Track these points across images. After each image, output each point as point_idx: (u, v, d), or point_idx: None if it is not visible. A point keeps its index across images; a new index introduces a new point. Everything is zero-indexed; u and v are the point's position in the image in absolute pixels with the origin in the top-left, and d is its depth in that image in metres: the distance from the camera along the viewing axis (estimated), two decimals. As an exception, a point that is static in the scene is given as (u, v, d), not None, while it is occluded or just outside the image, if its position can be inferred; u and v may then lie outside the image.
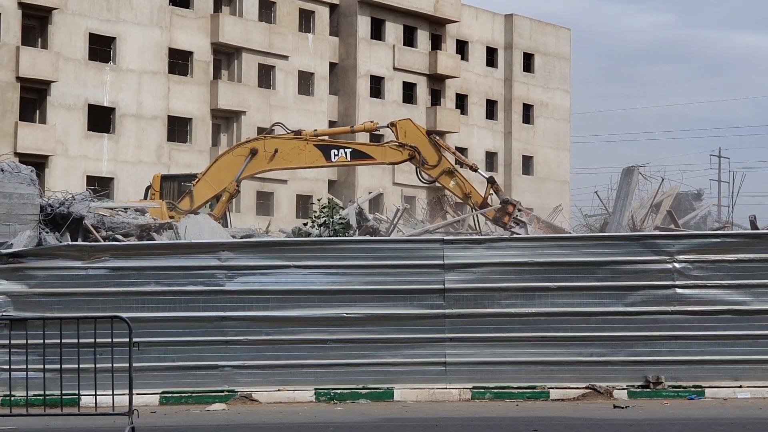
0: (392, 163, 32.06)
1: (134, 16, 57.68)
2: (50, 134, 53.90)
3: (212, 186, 31.38)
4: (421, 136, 30.77)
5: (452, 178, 30.66)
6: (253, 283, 15.43)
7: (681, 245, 15.63)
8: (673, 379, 15.43)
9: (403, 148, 30.54)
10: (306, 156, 31.02)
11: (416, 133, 30.82)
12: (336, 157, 30.99)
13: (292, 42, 64.62)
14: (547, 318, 15.43)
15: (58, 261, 15.26)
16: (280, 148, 30.94)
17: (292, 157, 31.08)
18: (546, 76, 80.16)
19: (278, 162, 31.25)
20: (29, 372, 13.67)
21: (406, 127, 31.05)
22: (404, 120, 31.80)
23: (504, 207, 30.49)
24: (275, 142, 31.15)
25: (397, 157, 31.04)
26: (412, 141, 30.55)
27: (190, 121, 60.22)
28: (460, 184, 30.66)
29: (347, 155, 31.07)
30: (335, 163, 31.41)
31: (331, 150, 30.99)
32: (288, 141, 31.11)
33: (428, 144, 30.61)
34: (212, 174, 31.55)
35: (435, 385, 15.38)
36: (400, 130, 30.91)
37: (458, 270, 15.50)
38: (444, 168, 30.56)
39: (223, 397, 15.04)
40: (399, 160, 31.33)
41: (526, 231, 30.02)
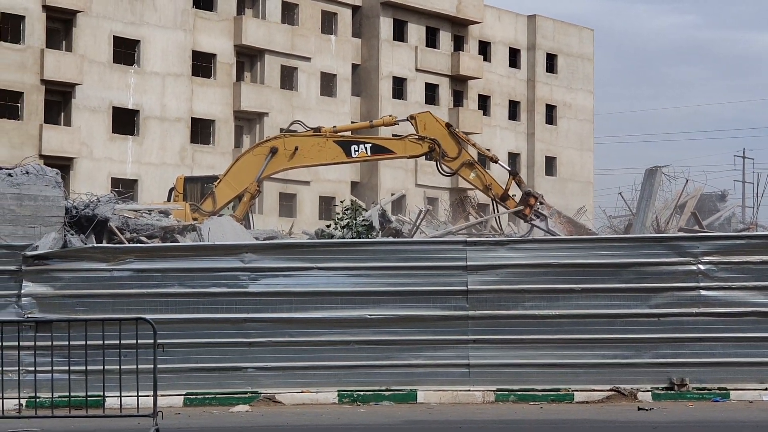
0: (412, 156, 31.88)
1: (158, 19, 57.87)
2: (75, 136, 54.13)
3: (234, 186, 31.37)
4: (440, 129, 30.62)
5: (472, 170, 30.46)
6: (276, 285, 15.44)
7: (705, 247, 15.56)
8: (698, 381, 15.37)
9: (423, 141, 30.42)
10: (326, 153, 30.94)
11: (436, 126, 30.68)
12: (356, 153, 30.88)
13: (315, 44, 64.70)
14: (571, 320, 15.39)
15: (83, 263, 15.32)
16: (300, 146, 30.89)
17: (312, 154, 31.01)
18: (569, 76, 79.98)
19: (299, 160, 31.17)
20: (54, 374, 13.71)
21: (425, 120, 30.92)
22: (424, 113, 31.68)
23: (526, 199, 30.26)
24: (295, 140, 31.10)
25: (417, 150, 30.91)
26: (432, 134, 30.41)
27: (213, 123, 60.37)
28: (481, 176, 30.48)
29: (367, 150, 30.97)
30: (356, 158, 31.29)
31: (351, 146, 30.89)
32: (308, 138, 31.05)
33: (448, 136, 30.47)
34: (233, 174, 31.54)
35: (458, 387, 15.36)
36: (419, 123, 30.79)
37: (481, 271, 15.48)
38: (464, 160, 30.37)
39: (246, 398, 15.06)
40: (419, 153, 31.18)
41: (546, 224, 29.92)
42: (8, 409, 13.49)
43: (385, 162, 67.87)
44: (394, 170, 68.63)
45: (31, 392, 13.94)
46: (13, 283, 15.12)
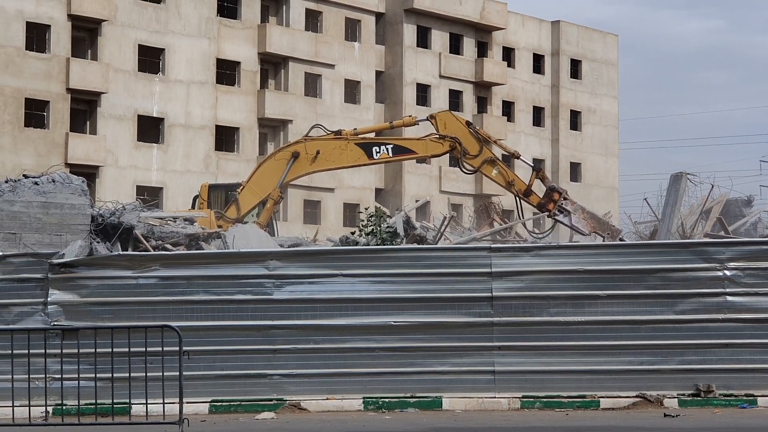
0: (434, 155, 31.81)
1: (182, 27, 58.10)
2: (100, 145, 54.38)
3: (257, 192, 31.39)
4: (461, 127, 30.50)
5: (494, 166, 30.33)
6: (301, 292, 15.46)
7: (731, 252, 15.49)
8: (725, 388, 15.29)
9: (443, 140, 30.35)
10: (348, 155, 30.92)
11: (456, 125, 30.57)
12: (378, 154, 30.85)
13: (339, 51, 64.80)
14: (596, 326, 15.34)
15: (109, 270, 15.37)
16: (321, 149, 30.88)
17: (334, 157, 31.00)
18: (593, 82, 79.80)
19: (321, 163, 31.17)
20: (81, 381, 13.79)
21: (445, 119, 30.85)
22: (443, 112, 31.62)
23: (549, 194, 30.01)
24: (316, 144, 31.08)
25: (439, 150, 30.82)
26: (453, 132, 30.32)
27: (238, 131, 60.53)
28: (503, 172, 30.34)
29: (389, 151, 30.93)
30: (378, 160, 31.24)
31: (373, 147, 30.84)
32: (329, 141, 31.03)
33: (469, 134, 30.36)
34: (256, 180, 31.56)
35: (484, 394, 15.33)
36: (439, 122, 30.70)
37: (506, 278, 15.45)
38: (485, 157, 30.23)
39: (271, 405, 15.08)
40: (440, 152, 31.06)
41: (570, 220, 29.75)
42: (35, 417, 13.56)
43: (409, 168, 67.92)
44: (419, 177, 68.64)
45: (58, 399, 14.00)
46: (40, 290, 15.19)
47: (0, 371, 13.58)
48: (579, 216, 29.91)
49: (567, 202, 30.07)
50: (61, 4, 53.39)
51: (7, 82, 51.55)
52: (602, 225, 30.36)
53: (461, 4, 70.82)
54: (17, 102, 51.93)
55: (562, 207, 29.85)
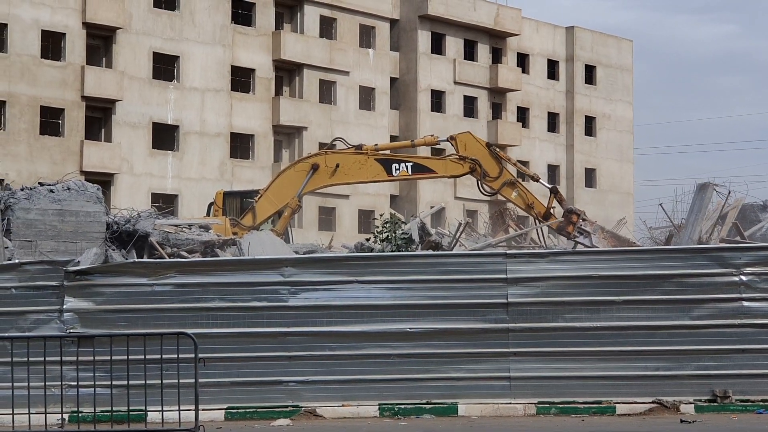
0: (453, 176, 31.99)
1: (197, 35, 58.24)
2: (115, 152, 54.53)
3: (274, 202, 31.48)
4: (481, 149, 30.64)
5: (514, 189, 30.51)
6: (316, 299, 15.45)
7: (748, 257, 15.44)
8: (741, 393, 15.23)
9: (464, 161, 30.46)
10: (367, 170, 31.03)
11: (476, 146, 30.70)
12: (397, 171, 30.96)
13: (353, 57, 64.87)
14: (612, 332, 15.30)
15: (124, 278, 15.39)
16: (341, 163, 30.98)
17: (353, 171, 31.10)
18: (608, 87, 79.71)
19: (340, 177, 31.29)
20: (96, 388, 13.80)
21: (465, 140, 30.97)
22: (464, 133, 31.74)
23: (568, 216, 30.23)
24: (336, 157, 31.19)
25: (458, 170, 30.97)
26: (473, 154, 30.44)
27: (253, 138, 60.63)
28: (522, 195, 30.51)
29: (408, 169, 31.03)
30: (397, 177, 31.38)
31: (393, 164, 30.96)
32: (349, 156, 31.16)
33: (489, 156, 30.50)
34: (274, 190, 31.65)
35: (499, 400, 15.30)
36: (459, 143, 30.83)
37: (521, 284, 15.42)
38: (505, 179, 30.41)
39: (287, 412, 15.07)
40: (460, 173, 31.24)
41: (590, 241, 29.86)
42: (51, 424, 13.59)
43: (424, 175, 67.90)
44: (433, 183, 68.60)
45: (74, 407, 14.03)
46: (56, 298, 15.21)
47: (16, 378, 13.60)
48: (599, 236, 30.16)
49: (586, 223, 30.23)
50: (76, 13, 53.59)
51: (22, 90, 51.75)
52: (622, 243, 30.56)
53: (475, 10, 70.84)
54: (33, 110, 52.12)
55: (582, 228, 30.08)
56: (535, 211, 30.60)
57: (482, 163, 30.21)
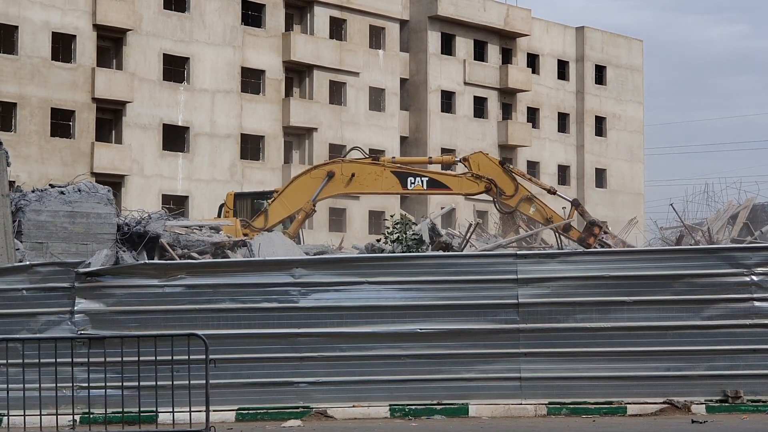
0: (468, 194, 32.11)
1: (207, 36, 58.32)
2: (126, 154, 54.63)
3: (287, 206, 31.51)
4: (494, 167, 30.69)
5: (531, 204, 30.56)
6: (327, 300, 15.45)
7: (758, 257, 15.40)
8: (753, 393, 15.19)
9: (479, 181, 30.51)
10: (383, 182, 31.03)
11: (490, 165, 30.74)
12: (413, 185, 31.01)
13: (363, 59, 64.89)
14: (623, 332, 15.28)
15: (135, 279, 15.40)
16: (357, 173, 31.02)
17: (368, 182, 31.10)
18: (618, 88, 79.62)
19: (354, 186, 31.34)
20: (107, 389, 13.82)
21: (479, 160, 31.02)
22: (476, 154, 31.81)
23: (590, 228, 30.07)
24: (352, 167, 31.19)
25: (474, 189, 31.03)
26: (487, 173, 30.49)
27: (263, 139, 60.68)
28: (540, 210, 30.53)
29: (424, 184, 31.05)
30: (411, 191, 31.44)
31: (408, 177, 30.98)
32: (365, 166, 31.17)
33: (503, 174, 30.55)
34: (288, 194, 31.69)
35: (510, 400, 15.28)
36: (473, 164, 30.88)
37: (532, 284, 15.40)
38: (522, 196, 30.49)
39: (298, 413, 15.07)
40: (475, 192, 31.34)
41: None
42: (62, 425, 13.61)
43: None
44: (444, 184, 68.52)
45: (85, 408, 14.05)
46: (67, 299, 15.23)
47: (27, 380, 13.63)
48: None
49: (607, 236, 30.13)
50: (86, 15, 53.69)
51: (33, 92, 51.87)
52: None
53: (485, 10, 70.82)
54: (43, 112, 52.24)
55: (603, 241, 30.05)
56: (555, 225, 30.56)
57: (497, 182, 30.22)
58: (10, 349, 14.05)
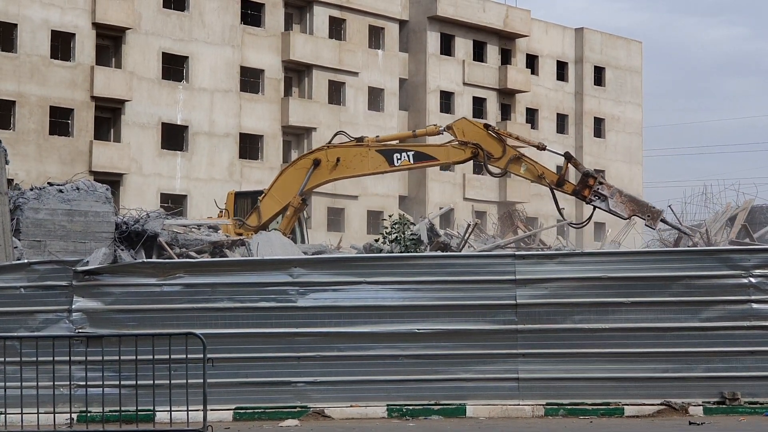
0: (456, 162, 31.16)
1: (206, 35, 58.31)
2: (124, 152, 54.61)
3: (278, 200, 31.26)
4: (479, 131, 29.83)
5: (521, 164, 29.69)
6: (324, 300, 15.44)
7: (757, 259, 15.40)
8: (750, 395, 15.19)
9: (465, 147, 29.87)
10: (369, 162, 30.56)
11: (474, 130, 29.93)
12: (399, 161, 30.44)
13: (362, 59, 64.89)
14: (620, 333, 15.28)
15: (133, 278, 15.39)
16: (342, 157, 30.61)
17: (354, 164, 30.64)
18: (617, 89, 79.66)
19: (341, 170, 30.87)
20: (105, 388, 13.82)
21: (462, 126, 30.29)
22: (459, 120, 31.07)
23: (584, 180, 29.22)
24: (337, 151, 30.86)
25: (460, 156, 30.24)
26: (472, 138, 29.78)
27: (262, 138, 60.68)
28: (531, 167, 29.72)
29: (410, 158, 30.46)
30: (398, 167, 30.78)
31: (394, 154, 30.44)
32: (350, 149, 30.78)
33: (488, 137, 29.72)
34: (277, 188, 31.46)
35: (508, 401, 15.28)
36: (457, 131, 30.14)
37: (530, 285, 15.40)
38: (510, 156, 29.60)
39: (295, 413, 15.07)
40: (462, 159, 30.42)
41: (607, 205, 28.81)
42: (60, 424, 13.61)
43: (432, 176, 67.91)
44: (442, 184, 68.61)
45: (82, 406, 14.05)
46: (64, 298, 15.23)
47: (25, 378, 13.62)
48: (617, 200, 28.82)
49: (603, 186, 29.07)
50: (85, 13, 53.68)
51: (32, 91, 51.85)
52: (641, 207, 29.02)
53: (485, 11, 70.84)
54: (42, 110, 52.22)
55: (599, 192, 29.03)
56: (547, 180, 29.68)
57: (483, 146, 29.52)
58: (8, 348, 14.04)
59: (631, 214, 28.80)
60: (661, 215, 28.92)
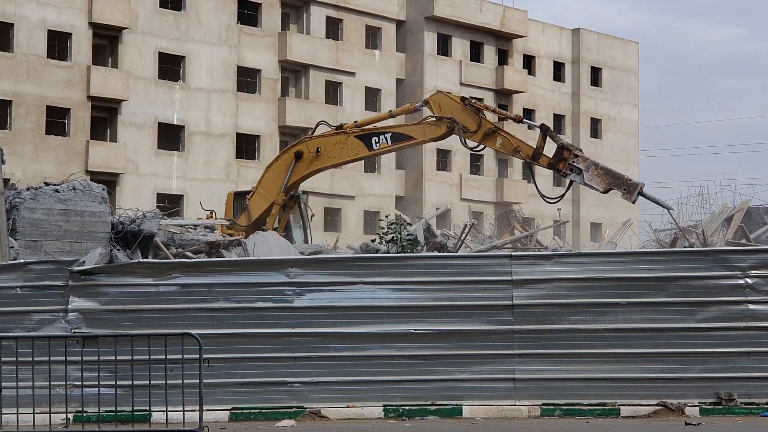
0: (433, 139, 30.65)
1: (203, 35, 58.28)
2: (121, 152, 54.57)
3: (266, 197, 31.13)
4: (455, 105, 29.28)
5: (497, 137, 29.03)
6: (321, 300, 15.45)
7: (753, 260, 15.41)
8: (746, 396, 15.20)
9: (440, 122, 29.56)
10: (348, 149, 30.26)
11: (451, 104, 29.46)
12: (378, 145, 30.10)
13: (359, 59, 64.88)
14: (617, 334, 15.29)
15: (129, 278, 15.39)
16: (322, 147, 30.40)
17: (335, 152, 30.37)
18: (614, 90, 79.69)
19: (323, 160, 30.57)
20: (101, 388, 13.81)
21: (439, 100, 29.87)
22: (436, 94, 30.63)
23: (559, 153, 28.19)
24: (317, 142, 30.66)
25: (437, 132, 29.74)
26: (449, 112, 29.22)
27: (259, 138, 60.66)
28: (506, 141, 29.03)
29: (388, 140, 30.13)
30: (378, 150, 30.37)
31: (372, 138, 30.18)
32: (329, 138, 30.57)
33: (464, 111, 29.27)
34: (264, 185, 31.36)
35: (504, 401, 15.29)
36: (434, 105, 29.78)
37: (527, 285, 15.41)
38: (486, 129, 29.10)
39: (292, 413, 15.07)
40: (439, 135, 29.86)
41: (582, 179, 27.85)
42: (55, 424, 13.59)
43: (429, 176, 67.94)
44: (439, 184, 68.61)
45: (78, 406, 14.04)
46: (60, 298, 15.22)
47: (21, 378, 13.62)
48: (592, 173, 27.74)
49: (578, 159, 28.02)
50: (82, 13, 53.64)
51: (28, 90, 51.82)
52: (618, 180, 27.66)
53: (482, 11, 70.86)
54: (38, 110, 52.19)
55: (573, 165, 28.03)
56: (523, 153, 28.82)
57: (459, 119, 29.06)
58: (4, 348, 14.02)
59: (606, 188, 27.59)
60: (639, 188, 27.46)
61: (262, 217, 31.31)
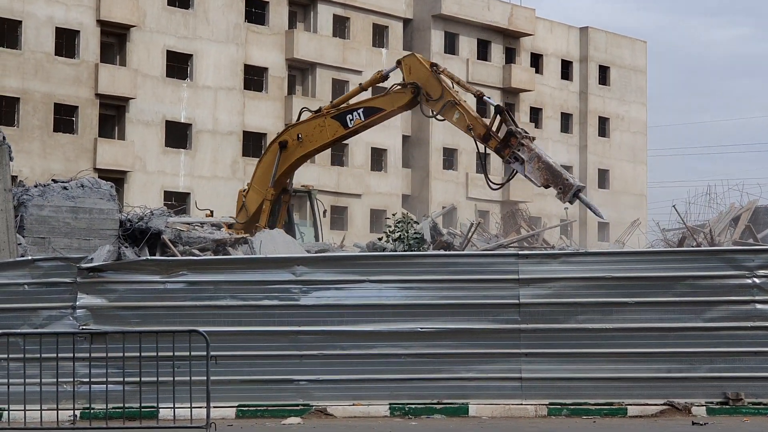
0: (401, 108, 30.14)
1: (210, 33, 58.32)
2: (129, 150, 54.65)
3: (261, 192, 31.07)
4: (424, 71, 28.80)
5: (455, 111, 28.07)
6: (327, 298, 15.45)
7: (760, 260, 15.39)
8: (754, 396, 15.18)
9: (405, 89, 29.33)
10: (327, 130, 30.05)
11: (421, 69, 28.93)
12: (352, 122, 29.85)
13: (366, 57, 64.87)
14: (624, 333, 15.27)
15: (137, 275, 15.41)
16: (303, 132, 30.26)
17: (315, 136, 30.21)
18: (622, 89, 79.60)
19: (305, 146, 30.33)
20: (109, 385, 13.84)
21: (410, 63, 29.42)
22: (409, 56, 30.25)
23: (507, 138, 26.98)
24: (297, 128, 30.54)
25: (403, 100, 29.20)
26: (417, 77, 28.77)
27: (265, 137, 60.68)
28: (462, 116, 27.97)
29: (361, 116, 29.86)
30: (353, 128, 29.88)
31: (347, 116, 30.05)
32: (309, 122, 30.42)
33: (431, 77, 28.69)
34: (258, 180, 31.32)
35: (511, 400, 15.28)
36: (405, 67, 29.42)
37: (533, 284, 15.40)
38: (446, 100, 28.20)
39: (298, 411, 15.08)
40: (405, 102, 29.20)
41: (523, 169, 26.65)
42: (63, 420, 13.62)
43: (435, 174, 67.93)
44: (445, 183, 68.62)
45: (86, 403, 14.05)
46: (69, 295, 15.25)
47: (29, 375, 13.64)
48: (534, 165, 26.46)
49: (524, 148, 26.69)
50: (90, 10, 53.71)
51: (36, 88, 51.89)
52: (556, 178, 26.26)
53: (489, 10, 70.81)
54: (46, 107, 52.27)
55: (517, 154, 26.80)
56: (475, 133, 27.63)
57: (424, 86, 28.63)
58: (12, 344, 14.06)
59: (544, 183, 26.40)
60: (575, 190, 26.09)
61: (258, 213, 31.27)
